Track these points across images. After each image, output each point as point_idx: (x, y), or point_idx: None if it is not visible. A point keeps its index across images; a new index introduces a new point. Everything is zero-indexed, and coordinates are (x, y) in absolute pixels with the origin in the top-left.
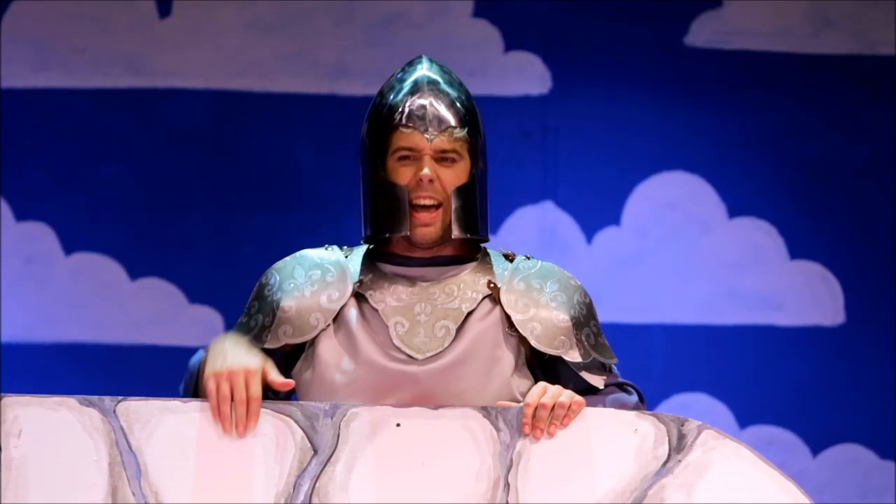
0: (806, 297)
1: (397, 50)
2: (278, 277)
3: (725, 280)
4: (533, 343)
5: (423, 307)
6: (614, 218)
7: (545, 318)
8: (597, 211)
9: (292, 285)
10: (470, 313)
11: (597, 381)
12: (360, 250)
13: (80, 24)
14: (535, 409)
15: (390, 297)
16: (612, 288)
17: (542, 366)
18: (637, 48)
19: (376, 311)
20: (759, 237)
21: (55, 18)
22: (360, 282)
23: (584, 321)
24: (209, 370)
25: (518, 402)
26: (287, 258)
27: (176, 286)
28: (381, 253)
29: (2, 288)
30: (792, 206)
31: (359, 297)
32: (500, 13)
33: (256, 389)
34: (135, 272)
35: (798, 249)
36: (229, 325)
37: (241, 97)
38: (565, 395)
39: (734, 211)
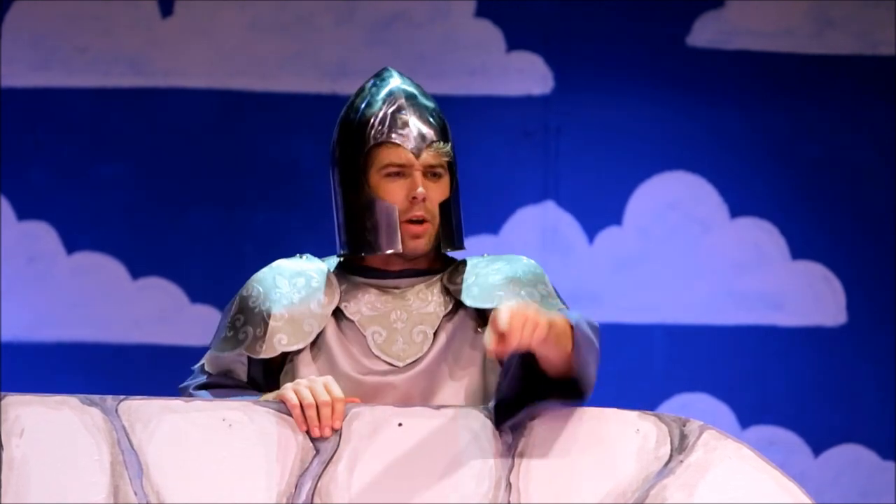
0: (808, 297)
1: (399, 50)
2: (261, 288)
3: (727, 280)
4: (469, 303)
5: (398, 314)
6: (616, 218)
7: (483, 283)
8: (598, 211)
9: (278, 294)
10: (444, 317)
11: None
12: (332, 261)
13: (81, 24)
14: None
15: (365, 307)
16: (614, 288)
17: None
18: (639, 48)
19: (352, 321)
20: (760, 237)
21: (57, 18)
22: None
23: (528, 283)
24: (288, 385)
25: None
26: (264, 269)
27: (177, 285)
28: (353, 266)
29: (3, 287)
30: (794, 207)
31: (335, 309)
32: (503, 13)
33: (338, 391)
34: (136, 271)
35: (800, 249)
36: None
37: (243, 97)
38: (527, 329)
39: (736, 211)
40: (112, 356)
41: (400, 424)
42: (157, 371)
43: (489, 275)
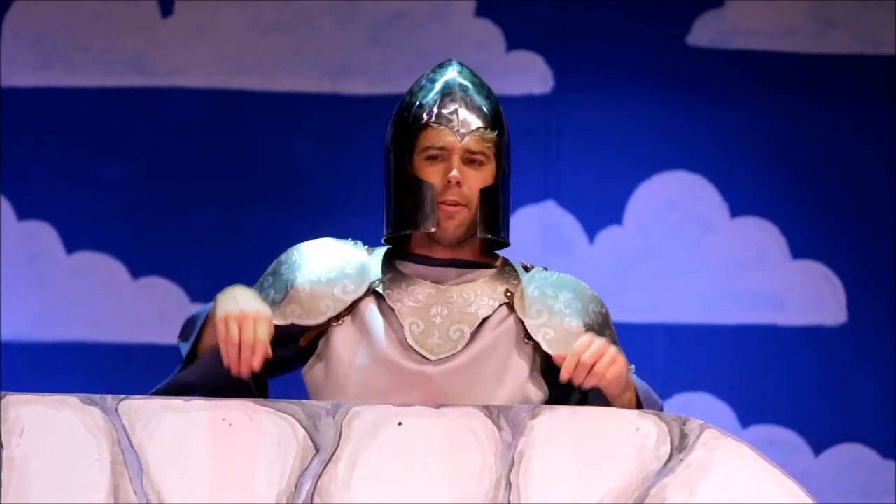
0: (808, 296)
1: (400, 49)
2: (297, 258)
3: (727, 279)
4: (545, 347)
5: (439, 309)
6: (616, 217)
7: (558, 324)
8: (599, 210)
9: (310, 268)
10: (486, 319)
11: None
12: (382, 250)
13: (82, 23)
14: (577, 364)
15: (408, 298)
16: (615, 287)
17: (559, 374)
18: (639, 47)
19: (393, 310)
20: (761, 236)
21: (58, 17)
22: (381, 281)
23: (599, 330)
24: (221, 313)
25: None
26: (311, 241)
27: (178, 285)
28: (401, 252)
29: (3, 287)
30: (794, 206)
31: (377, 295)
32: (503, 12)
33: (263, 333)
34: (137, 271)
35: (800, 249)
36: None
37: (244, 96)
38: (603, 362)
39: (736, 210)
40: (112, 356)
41: (400, 423)
42: (157, 371)
43: (559, 307)
